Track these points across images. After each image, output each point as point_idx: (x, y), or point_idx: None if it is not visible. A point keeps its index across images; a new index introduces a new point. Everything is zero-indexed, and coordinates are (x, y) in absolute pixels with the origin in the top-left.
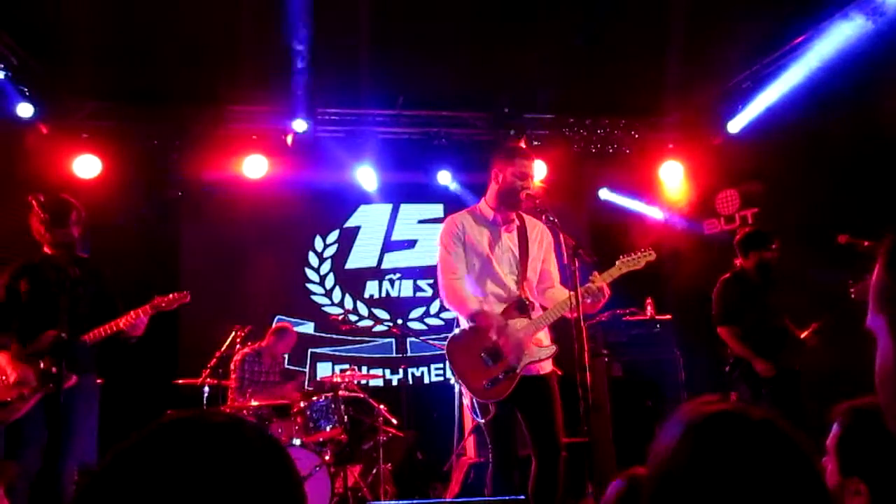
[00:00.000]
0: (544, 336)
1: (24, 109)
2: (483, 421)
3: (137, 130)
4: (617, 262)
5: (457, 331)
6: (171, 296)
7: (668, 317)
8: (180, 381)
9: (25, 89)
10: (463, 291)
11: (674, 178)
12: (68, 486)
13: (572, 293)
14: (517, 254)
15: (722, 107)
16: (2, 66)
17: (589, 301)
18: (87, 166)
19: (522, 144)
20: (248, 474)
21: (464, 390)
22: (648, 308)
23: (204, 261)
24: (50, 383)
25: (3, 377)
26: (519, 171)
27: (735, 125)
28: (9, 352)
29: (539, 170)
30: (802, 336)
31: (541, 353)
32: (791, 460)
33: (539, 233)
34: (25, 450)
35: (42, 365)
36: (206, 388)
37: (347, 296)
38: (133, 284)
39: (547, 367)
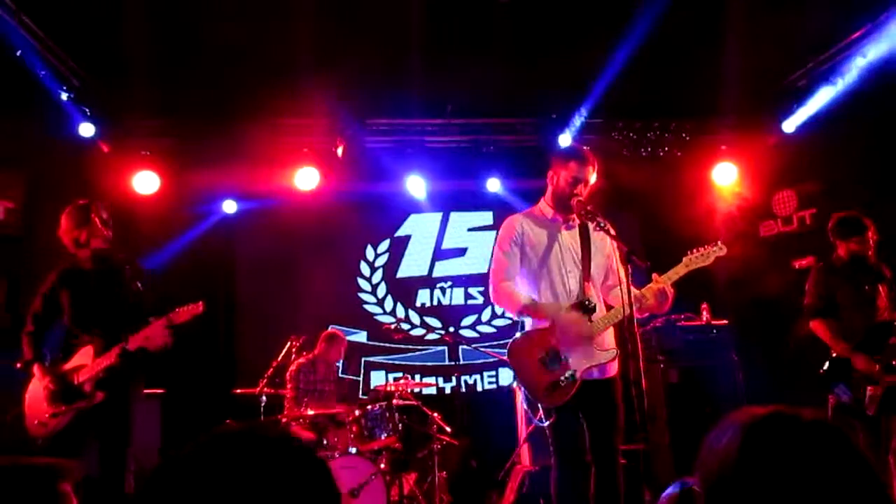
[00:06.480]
0: (609, 337)
1: (86, 129)
2: (545, 424)
3: (194, 146)
4: (683, 259)
5: (518, 335)
6: (184, 308)
7: (725, 322)
8: (238, 391)
9: (87, 109)
10: (511, 289)
11: (727, 179)
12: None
13: (626, 298)
14: (579, 251)
15: (776, 106)
16: (64, 87)
17: (653, 302)
18: (146, 182)
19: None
20: (288, 488)
21: (523, 395)
22: (704, 313)
23: (259, 272)
24: (83, 402)
25: (40, 409)
26: (572, 174)
27: (790, 124)
28: (45, 377)
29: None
30: None
31: (602, 356)
32: (846, 462)
33: (602, 232)
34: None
35: (76, 381)
36: (264, 398)
37: (399, 304)
38: (192, 298)
39: (612, 369)
